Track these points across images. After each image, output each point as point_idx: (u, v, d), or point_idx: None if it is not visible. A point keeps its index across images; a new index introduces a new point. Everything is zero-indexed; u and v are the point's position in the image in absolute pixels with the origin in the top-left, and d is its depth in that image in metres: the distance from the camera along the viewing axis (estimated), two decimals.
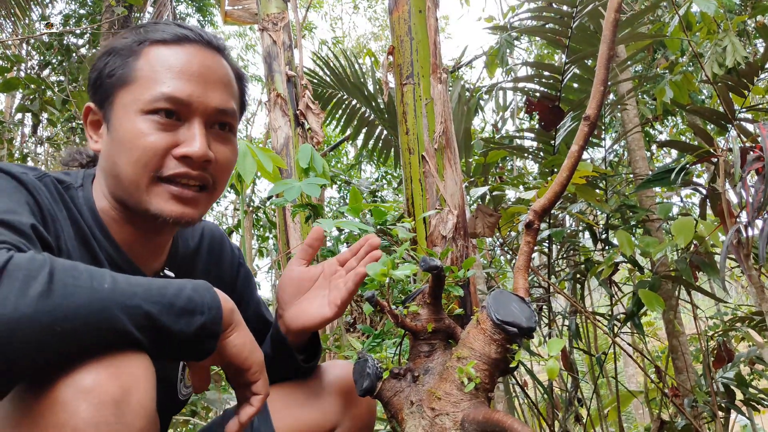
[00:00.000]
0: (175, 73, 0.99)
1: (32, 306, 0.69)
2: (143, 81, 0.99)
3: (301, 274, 1.21)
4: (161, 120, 0.98)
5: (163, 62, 1.00)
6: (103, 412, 0.72)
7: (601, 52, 1.19)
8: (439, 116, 2.12)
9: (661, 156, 6.54)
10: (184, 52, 1.02)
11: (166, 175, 0.99)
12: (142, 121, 0.98)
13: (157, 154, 0.98)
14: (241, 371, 0.91)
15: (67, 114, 4.81)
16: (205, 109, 1.01)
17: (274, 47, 3.31)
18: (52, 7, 7.60)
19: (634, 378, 8.95)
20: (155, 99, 0.97)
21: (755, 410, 2.98)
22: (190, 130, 1.00)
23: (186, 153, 0.98)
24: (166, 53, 1.01)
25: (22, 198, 0.91)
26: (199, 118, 1.01)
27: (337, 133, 7.32)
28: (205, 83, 1.01)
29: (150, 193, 0.99)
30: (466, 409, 1.02)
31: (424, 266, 1.07)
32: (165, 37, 1.02)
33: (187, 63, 1.00)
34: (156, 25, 1.05)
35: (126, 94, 0.99)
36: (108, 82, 1.01)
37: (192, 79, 1.00)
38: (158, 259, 1.14)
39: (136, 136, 0.97)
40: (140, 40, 1.02)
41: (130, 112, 0.98)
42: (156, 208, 0.99)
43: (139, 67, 1.00)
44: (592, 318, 3.00)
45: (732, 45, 3.26)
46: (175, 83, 0.98)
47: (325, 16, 14.73)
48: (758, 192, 1.83)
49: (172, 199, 1.00)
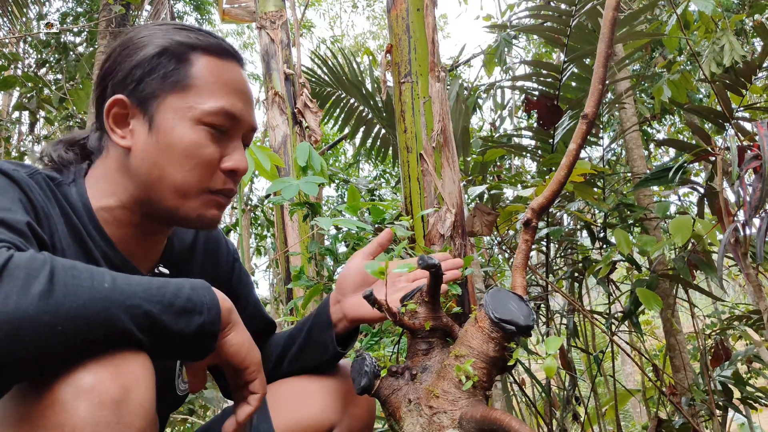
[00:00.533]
0: (230, 89, 1.03)
1: (34, 305, 0.68)
2: (199, 90, 1.01)
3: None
4: (215, 132, 1.01)
5: (218, 76, 1.03)
6: (103, 411, 0.72)
7: (599, 50, 1.19)
8: (437, 115, 2.12)
9: (659, 155, 6.55)
10: (232, 69, 1.06)
11: (216, 189, 1.03)
12: (197, 130, 1.00)
13: (211, 166, 1.02)
14: (238, 370, 0.91)
15: (65, 112, 4.80)
16: (245, 127, 1.06)
17: (272, 45, 3.31)
18: (50, 5, 7.58)
19: (631, 376, 8.97)
20: (214, 112, 1.00)
21: (752, 408, 2.98)
22: (235, 145, 1.05)
23: (235, 168, 1.04)
24: (218, 66, 1.04)
25: (15, 195, 0.90)
26: (240, 134, 1.06)
27: (335, 132, 7.32)
28: (248, 102, 1.07)
29: (195, 201, 1.02)
30: (464, 407, 1.02)
31: (422, 264, 1.06)
32: (210, 47, 1.04)
33: (238, 80, 1.06)
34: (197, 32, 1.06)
35: (178, 100, 1.00)
36: (158, 81, 1.01)
37: (242, 97, 1.05)
38: (153, 257, 1.13)
39: (194, 144, 1.00)
40: (189, 45, 1.03)
41: (185, 119, 1.00)
42: (198, 214, 1.03)
43: (194, 75, 1.01)
44: (590, 316, 3.00)
45: (730, 44, 3.26)
46: (232, 100, 1.02)
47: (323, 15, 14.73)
48: (756, 190, 1.83)
49: (214, 207, 1.05)
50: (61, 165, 1.08)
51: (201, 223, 1.05)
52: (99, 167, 1.06)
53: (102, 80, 1.06)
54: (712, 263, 2.56)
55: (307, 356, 1.27)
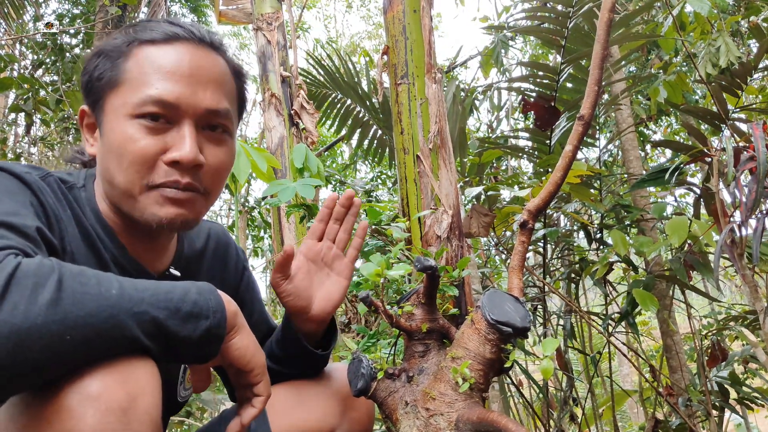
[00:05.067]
0: (163, 74, 0.95)
1: (42, 315, 0.68)
2: (131, 83, 0.96)
3: (295, 281, 1.19)
4: (149, 124, 0.94)
5: (152, 63, 0.96)
6: (110, 419, 0.71)
7: (595, 51, 1.19)
8: (434, 116, 2.12)
9: (655, 156, 6.56)
10: (174, 52, 0.98)
11: (157, 184, 0.96)
12: (130, 125, 0.94)
13: (147, 161, 0.95)
14: (243, 373, 0.91)
15: (61, 114, 4.79)
16: (195, 111, 0.97)
17: (269, 47, 3.31)
18: (46, 7, 7.56)
19: (628, 377, 8.98)
20: (143, 102, 0.94)
21: (749, 409, 2.99)
22: (180, 133, 0.96)
23: (175, 158, 0.95)
24: (155, 53, 0.97)
25: (26, 199, 0.89)
26: (189, 121, 0.97)
27: (332, 133, 7.32)
28: (196, 83, 0.97)
29: (143, 201, 0.97)
30: (460, 409, 1.02)
31: (418, 266, 1.06)
32: (155, 36, 0.98)
33: (177, 63, 0.96)
34: (147, 23, 1.01)
35: (115, 98, 0.97)
36: (98, 84, 0.98)
37: (181, 79, 0.96)
38: (163, 259, 1.13)
39: (126, 141, 0.94)
40: (129, 41, 0.98)
41: (120, 116, 0.95)
42: (150, 214, 0.97)
43: (128, 68, 0.96)
44: (587, 317, 3.01)
45: (725, 45, 3.27)
46: (162, 85, 0.94)
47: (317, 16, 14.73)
48: (751, 191, 1.84)
49: (167, 203, 0.97)
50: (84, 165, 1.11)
51: (160, 224, 0.97)
52: (96, 174, 1.07)
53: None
54: (708, 264, 2.56)
55: (292, 367, 1.26)
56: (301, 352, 1.22)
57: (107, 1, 5.25)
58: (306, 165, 1.77)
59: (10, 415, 0.76)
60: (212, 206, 1.35)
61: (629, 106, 3.93)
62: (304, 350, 1.22)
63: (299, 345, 1.21)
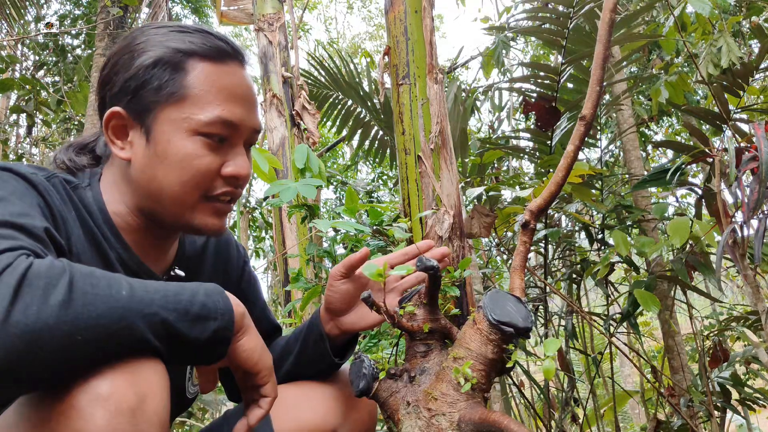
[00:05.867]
0: (226, 95, 1.00)
1: (54, 315, 0.68)
2: (194, 100, 0.98)
3: (350, 286, 1.21)
4: (212, 142, 0.99)
5: (213, 82, 1.00)
6: (119, 419, 0.72)
7: (597, 52, 1.19)
8: (436, 116, 2.12)
9: (656, 156, 6.56)
10: (230, 72, 1.02)
11: (215, 194, 1.02)
12: (194, 141, 0.98)
13: (210, 176, 1.00)
14: (250, 375, 0.91)
15: (62, 114, 4.80)
16: (249, 132, 1.04)
17: (270, 48, 3.31)
18: (48, 8, 7.57)
19: (630, 378, 8.97)
20: (211, 122, 0.98)
21: (751, 410, 2.99)
22: (236, 151, 1.03)
23: (236, 174, 1.02)
24: (213, 71, 1.00)
25: (34, 200, 0.90)
26: (242, 139, 1.04)
27: (333, 134, 7.32)
28: (250, 106, 1.04)
29: (195, 210, 1.02)
30: (462, 409, 1.02)
31: (420, 267, 1.06)
32: (208, 52, 1.01)
33: (237, 85, 1.02)
34: (195, 34, 1.03)
35: (174, 111, 0.98)
36: (153, 93, 0.99)
37: (240, 102, 1.02)
38: (167, 259, 1.14)
39: (190, 156, 0.98)
40: (184, 51, 1.00)
41: (181, 131, 0.98)
42: (200, 223, 1.03)
43: (189, 84, 0.98)
44: (589, 318, 3.00)
45: (727, 45, 3.27)
46: (229, 108, 1.00)
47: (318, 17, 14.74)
48: (753, 192, 1.83)
49: (216, 215, 1.04)
50: (74, 169, 1.09)
51: (203, 232, 1.04)
52: (108, 173, 1.07)
53: (101, 89, 1.05)
54: (710, 264, 2.56)
55: (304, 368, 1.27)
56: (319, 352, 1.23)
57: (109, 2, 5.25)
58: (307, 165, 1.77)
59: (20, 414, 0.76)
60: None
61: (630, 106, 3.93)
62: (323, 352, 1.23)
63: (322, 346, 1.22)
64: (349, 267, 1.18)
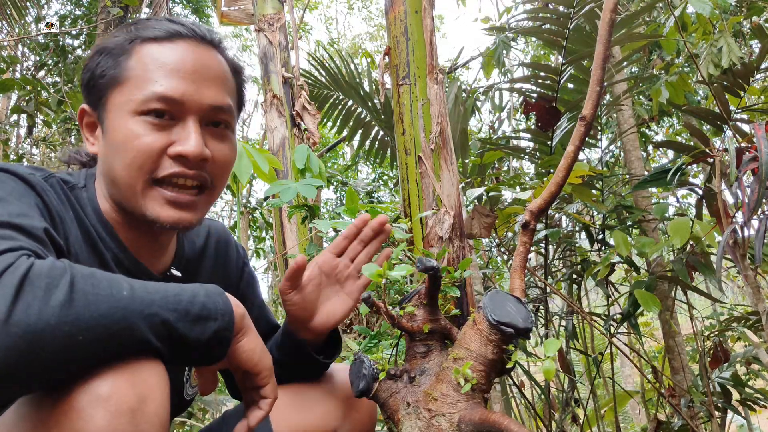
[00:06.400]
0: (167, 71, 0.96)
1: (55, 315, 0.68)
2: (135, 81, 0.96)
3: (303, 293, 1.19)
4: (154, 120, 0.95)
5: (155, 60, 0.97)
6: (120, 420, 0.72)
7: (598, 52, 1.19)
8: (436, 117, 2.12)
9: (657, 156, 6.56)
10: (177, 49, 0.99)
11: (162, 176, 0.97)
12: (135, 122, 0.95)
13: (151, 155, 0.95)
14: (250, 375, 0.91)
15: (63, 115, 4.80)
16: (199, 107, 0.98)
17: (271, 48, 3.31)
18: (48, 8, 7.57)
19: (630, 378, 8.97)
20: (148, 99, 0.95)
21: (751, 410, 2.98)
22: (185, 129, 0.97)
23: (181, 152, 0.96)
24: (158, 51, 0.98)
25: (32, 200, 0.90)
26: (194, 117, 0.98)
27: (333, 134, 7.32)
28: (199, 80, 0.98)
29: (146, 197, 0.97)
30: (462, 410, 1.02)
31: (420, 267, 1.06)
32: (157, 34, 0.99)
33: (180, 60, 0.98)
34: (148, 21, 1.02)
35: (118, 95, 0.97)
36: (100, 82, 0.99)
37: (185, 76, 0.97)
38: (163, 259, 1.13)
39: (130, 137, 0.95)
40: (131, 38, 0.99)
41: (123, 113, 0.96)
42: (152, 213, 0.98)
43: (131, 66, 0.97)
44: (589, 318, 3.00)
45: (727, 46, 3.27)
46: (167, 82, 0.95)
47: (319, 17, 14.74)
48: (754, 192, 1.83)
49: (168, 204, 0.98)
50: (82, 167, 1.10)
51: (159, 223, 0.99)
52: (96, 173, 1.07)
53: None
54: (710, 265, 2.55)
55: (292, 373, 1.25)
56: (302, 357, 1.22)
57: (109, 2, 5.26)
58: (308, 166, 1.78)
59: (20, 414, 0.76)
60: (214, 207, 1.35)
61: (631, 106, 3.93)
62: (306, 356, 1.22)
63: (301, 351, 1.21)
64: (294, 278, 1.15)
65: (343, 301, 1.21)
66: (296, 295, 1.17)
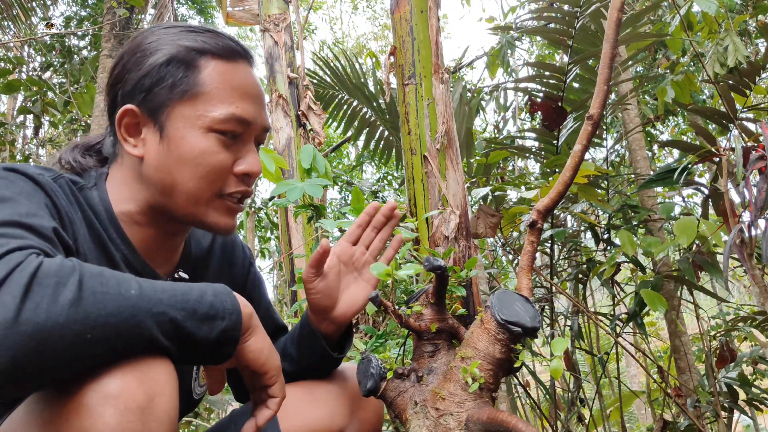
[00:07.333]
0: (240, 93, 1.02)
1: (64, 314, 0.69)
2: (208, 98, 1.00)
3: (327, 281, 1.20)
4: (226, 139, 1.01)
5: (227, 80, 1.02)
6: (129, 418, 0.72)
7: (604, 51, 1.19)
8: (441, 116, 2.12)
9: (662, 156, 6.54)
10: (242, 71, 1.05)
11: (227, 193, 1.03)
12: (208, 138, 1.00)
13: (222, 173, 1.01)
14: (258, 375, 0.91)
15: (69, 115, 4.82)
16: (260, 129, 1.06)
17: (276, 48, 3.32)
18: (54, 9, 7.60)
19: (636, 378, 8.95)
20: (226, 119, 1.00)
21: (758, 410, 2.97)
22: (248, 149, 1.05)
23: (248, 171, 1.04)
24: (226, 70, 1.02)
25: (41, 200, 0.90)
26: (254, 137, 1.06)
27: (339, 134, 7.33)
28: (260, 104, 1.06)
29: (209, 207, 1.03)
30: (470, 409, 1.02)
31: (427, 266, 1.06)
32: (220, 51, 1.03)
33: (249, 84, 1.05)
34: (205, 33, 1.05)
35: (188, 108, 0.99)
36: (166, 91, 1.00)
37: (254, 100, 1.04)
38: (172, 261, 1.14)
39: (205, 153, 0.99)
40: (197, 50, 1.01)
41: (195, 128, 0.99)
42: (212, 221, 1.04)
43: (202, 82, 1.00)
44: (595, 318, 3.00)
45: (733, 44, 3.26)
46: (243, 105, 1.02)
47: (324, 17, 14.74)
48: (761, 191, 1.83)
49: (228, 213, 1.05)
50: (80, 169, 1.09)
51: (215, 230, 1.06)
52: (116, 173, 1.07)
53: (112, 88, 1.05)
54: (716, 264, 2.55)
55: (304, 368, 1.26)
56: (317, 352, 1.23)
57: (115, 3, 5.27)
58: (313, 165, 1.78)
59: (29, 412, 0.76)
60: None
61: (636, 106, 3.92)
62: (322, 351, 1.22)
63: (318, 345, 1.22)
64: (318, 264, 1.18)
65: (362, 287, 1.24)
66: (320, 282, 1.19)
